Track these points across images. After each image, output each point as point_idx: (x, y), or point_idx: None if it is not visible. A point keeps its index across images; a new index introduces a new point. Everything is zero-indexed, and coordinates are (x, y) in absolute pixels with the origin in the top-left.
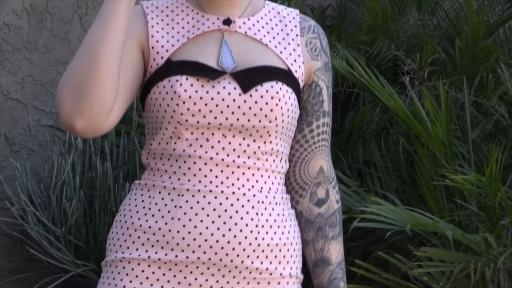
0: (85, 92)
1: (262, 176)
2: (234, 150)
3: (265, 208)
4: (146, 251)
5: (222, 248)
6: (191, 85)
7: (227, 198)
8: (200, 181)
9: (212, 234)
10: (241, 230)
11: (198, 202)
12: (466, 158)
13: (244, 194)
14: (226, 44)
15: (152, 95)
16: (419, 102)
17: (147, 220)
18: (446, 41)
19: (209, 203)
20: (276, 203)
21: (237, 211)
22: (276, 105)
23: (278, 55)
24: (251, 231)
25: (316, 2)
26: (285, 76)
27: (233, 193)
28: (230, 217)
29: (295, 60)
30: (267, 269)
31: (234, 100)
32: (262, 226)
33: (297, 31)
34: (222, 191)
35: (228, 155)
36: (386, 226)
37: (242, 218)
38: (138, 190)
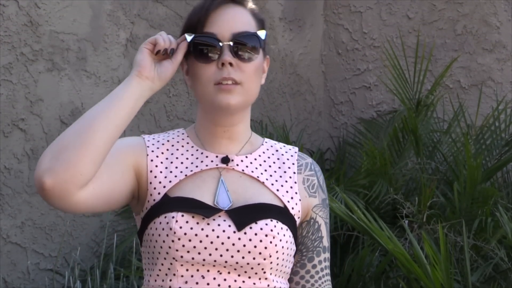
0: (66, 153)
1: None
2: (229, 286)
3: None
4: None
5: None
6: (187, 222)
7: None
8: None
9: None
10: None
11: None
12: None
13: None
14: (223, 184)
15: (149, 230)
16: (419, 245)
17: None
18: (445, 184)
19: None
20: None
21: None
22: (270, 242)
23: (274, 193)
24: None
25: (315, 145)
26: (280, 213)
27: None
28: None
29: (292, 198)
30: None
31: (228, 238)
32: None
33: (294, 169)
34: None
35: None
36: None
37: None
38: None
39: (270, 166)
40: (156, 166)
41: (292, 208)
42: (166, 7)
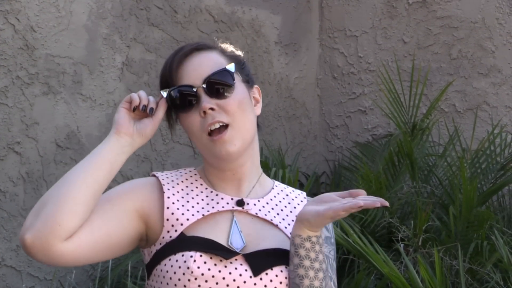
0: (45, 208)
1: None
2: None
3: None
4: None
5: None
6: (205, 262)
7: None
8: None
9: None
10: None
11: None
12: None
13: None
14: (236, 225)
15: (162, 266)
16: (414, 269)
17: None
18: (440, 208)
19: None
20: None
21: None
22: None
23: (288, 235)
24: None
25: (310, 169)
26: None
27: None
28: None
29: None
30: None
31: (244, 282)
32: None
33: None
34: None
35: None
36: None
37: None
38: None
39: (282, 210)
40: (173, 203)
41: None
42: (162, 31)
